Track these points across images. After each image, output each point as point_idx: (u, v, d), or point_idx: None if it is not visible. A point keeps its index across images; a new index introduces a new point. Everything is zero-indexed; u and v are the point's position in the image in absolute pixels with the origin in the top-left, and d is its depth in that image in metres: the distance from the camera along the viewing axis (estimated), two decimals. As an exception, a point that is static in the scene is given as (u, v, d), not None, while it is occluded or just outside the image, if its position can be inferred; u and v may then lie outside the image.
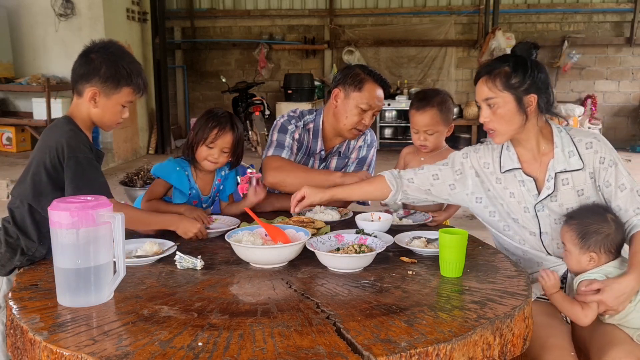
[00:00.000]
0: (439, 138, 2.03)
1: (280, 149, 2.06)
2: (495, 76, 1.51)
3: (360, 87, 2.01)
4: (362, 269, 1.39)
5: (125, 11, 7.61)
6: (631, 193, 1.50)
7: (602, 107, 8.37)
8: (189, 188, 1.89)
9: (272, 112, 8.15)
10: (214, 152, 1.84)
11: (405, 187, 1.70)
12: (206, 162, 1.86)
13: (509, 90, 1.50)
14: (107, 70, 1.53)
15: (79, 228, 1.13)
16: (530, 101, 1.51)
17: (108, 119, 1.60)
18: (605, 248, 1.46)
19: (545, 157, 1.57)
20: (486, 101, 1.54)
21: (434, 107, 1.98)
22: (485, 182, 1.65)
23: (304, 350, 0.95)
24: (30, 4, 6.97)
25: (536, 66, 1.53)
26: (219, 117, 1.86)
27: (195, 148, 1.86)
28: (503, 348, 1.12)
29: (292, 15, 9.02)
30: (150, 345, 0.98)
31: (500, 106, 1.51)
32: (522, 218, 1.60)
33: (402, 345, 0.97)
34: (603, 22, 8.43)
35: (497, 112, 1.52)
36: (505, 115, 1.51)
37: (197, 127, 1.87)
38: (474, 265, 1.42)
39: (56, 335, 1.02)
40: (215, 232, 1.69)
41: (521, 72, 1.50)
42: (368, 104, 2.01)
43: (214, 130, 1.82)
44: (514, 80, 1.50)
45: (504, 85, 1.50)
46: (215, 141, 1.83)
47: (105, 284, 1.19)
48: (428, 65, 8.89)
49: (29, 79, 6.61)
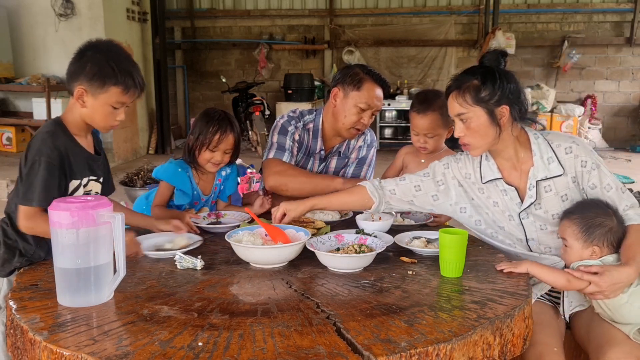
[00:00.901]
0: (438, 141, 2.04)
1: (281, 152, 2.05)
2: (465, 91, 1.50)
3: (359, 86, 2.01)
4: (362, 269, 1.39)
5: (125, 11, 7.62)
6: (618, 192, 1.50)
7: (602, 107, 8.38)
8: (191, 189, 1.90)
9: (272, 112, 8.16)
10: (216, 155, 1.86)
11: (388, 198, 1.67)
12: (209, 164, 1.88)
13: (479, 104, 1.48)
14: (92, 68, 1.48)
15: (79, 228, 1.13)
16: (502, 112, 1.49)
17: (99, 120, 1.53)
18: (608, 242, 1.45)
19: (525, 165, 1.56)
20: (458, 116, 1.52)
21: (435, 111, 1.97)
22: (469, 191, 1.64)
23: (304, 350, 0.96)
24: (31, 4, 6.98)
25: (505, 76, 1.50)
26: (219, 120, 1.86)
27: (197, 152, 1.87)
28: (503, 348, 1.12)
29: (292, 15, 9.02)
30: (150, 345, 0.98)
31: (472, 120, 1.50)
32: (507, 226, 1.60)
33: (402, 345, 0.98)
34: (603, 22, 8.44)
35: (470, 127, 1.51)
36: (479, 129, 1.50)
37: (196, 131, 1.88)
38: (474, 265, 1.43)
39: (56, 335, 1.02)
40: (224, 228, 1.71)
41: (490, 84, 1.48)
42: (367, 103, 2.01)
43: (216, 135, 1.84)
44: (483, 94, 1.48)
45: (474, 100, 1.49)
46: (219, 145, 1.84)
47: (105, 283, 1.19)
48: (428, 65, 8.90)
49: (29, 79, 6.62)
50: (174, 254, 1.43)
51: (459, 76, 1.55)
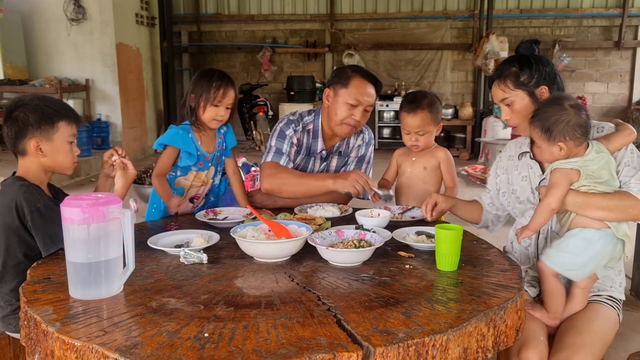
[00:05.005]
0: (429, 138, 2.08)
1: (279, 155, 2.09)
2: (506, 77, 1.64)
3: (347, 83, 2.04)
4: (362, 263, 1.41)
5: (134, 16, 7.70)
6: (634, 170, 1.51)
7: (592, 108, 8.43)
8: (195, 150, 1.95)
9: (275, 112, 8.21)
10: (220, 110, 1.92)
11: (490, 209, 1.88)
12: (214, 121, 1.93)
13: (520, 88, 1.63)
14: (34, 117, 1.53)
15: (90, 224, 1.14)
16: (541, 92, 1.62)
17: (62, 161, 1.58)
18: (570, 135, 1.46)
19: None
20: (503, 102, 1.66)
21: (424, 109, 2.03)
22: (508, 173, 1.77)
23: (305, 341, 0.97)
24: (44, 9, 7.06)
25: (540, 60, 1.64)
26: (219, 77, 1.93)
27: (201, 110, 1.92)
28: (497, 339, 1.14)
29: (294, 20, 9.07)
30: (158, 336, 0.99)
31: (516, 103, 1.64)
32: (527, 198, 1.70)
33: (400, 336, 0.99)
34: (592, 27, 8.53)
35: (515, 109, 1.64)
36: (522, 110, 1.63)
37: (198, 89, 1.92)
38: (469, 259, 1.45)
39: (68, 327, 1.03)
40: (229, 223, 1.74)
41: (527, 69, 1.62)
42: (355, 99, 2.03)
43: (220, 90, 1.90)
44: (522, 78, 1.62)
45: (515, 84, 1.63)
46: (223, 99, 1.91)
47: (115, 277, 1.20)
48: (425, 68, 8.97)
49: (42, 81, 6.72)
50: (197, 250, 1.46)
51: (499, 66, 1.70)
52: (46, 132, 1.54)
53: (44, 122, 1.54)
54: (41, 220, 1.47)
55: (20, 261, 1.53)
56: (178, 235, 1.63)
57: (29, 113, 1.53)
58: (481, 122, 7.80)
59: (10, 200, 1.49)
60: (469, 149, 8.16)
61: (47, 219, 1.46)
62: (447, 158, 2.11)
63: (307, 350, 0.94)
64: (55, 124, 1.55)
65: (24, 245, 1.52)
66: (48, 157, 1.56)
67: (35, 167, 1.57)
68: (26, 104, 1.55)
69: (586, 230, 1.48)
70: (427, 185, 2.10)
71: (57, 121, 1.55)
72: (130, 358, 0.92)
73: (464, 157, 7.89)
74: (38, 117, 1.53)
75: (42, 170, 1.58)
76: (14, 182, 1.54)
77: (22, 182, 1.53)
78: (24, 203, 1.47)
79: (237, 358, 0.92)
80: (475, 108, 8.43)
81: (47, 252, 1.46)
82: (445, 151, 2.13)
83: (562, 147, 1.48)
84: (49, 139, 1.55)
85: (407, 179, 2.15)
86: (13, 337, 1.63)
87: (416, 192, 2.11)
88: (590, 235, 1.47)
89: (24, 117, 1.53)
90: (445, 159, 2.10)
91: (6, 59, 6.81)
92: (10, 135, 1.55)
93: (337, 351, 0.93)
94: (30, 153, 1.55)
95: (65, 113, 1.58)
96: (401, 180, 2.18)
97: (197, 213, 1.89)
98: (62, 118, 1.56)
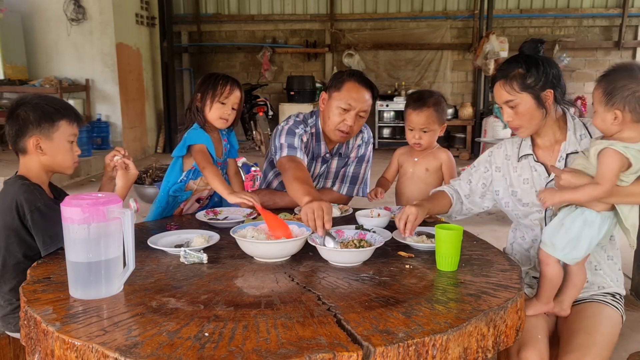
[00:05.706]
0: (432, 137, 2.07)
1: (293, 149, 2.01)
2: (512, 79, 1.58)
3: (340, 87, 2.04)
4: (362, 263, 1.41)
5: (134, 16, 7.71)
6: None
7: (592, 108, 8.40)
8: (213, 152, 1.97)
9: (275, 112, 8.23)
10: (226, 109, 1.94)
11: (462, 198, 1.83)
12: (220, 120, 1.94)
13: (526, 91, 1.57)
14: (35, 115, 1.53)
15: (90, 223, 1.15)
16: (547, 96, 1.58)
17: (62, 160, 1.58)
18: (630, 106, 1.36)
19: (558, 144, 1.64)
20: (507, 103, 1.61)
21: (430, 107, 2.03)
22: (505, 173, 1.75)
23: (305, 341, 0.97)
24: (44, 9, 7.08)
25: (547, 62, 1.60)
26: (224, 77, 1.96)
27: (208, 108, 1.93)
28: (497, 339, 1.14)
29: (294, 20, 9.08)
30: (158, 335, 0.99)
31: (520, 106, 1.59)
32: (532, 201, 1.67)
33: (400, 335, 0.99)
34: (592, 27, 8.55)
35: (518, 112, 1.60)
36: (526, 113, 1.59)
37: (204, 89, 1.95)
38: (468, 259, 1.45)
39: (68, 326, 1.03)
40: (229, 223, 1.74)
41: (534, 71, 1.57)
42: (347, 103, 2.02)
43: (226, 86, 1.92)
44: (529, 80, 1.57)
45: (521, 87, 1.58)
46: (229, 96, 1.93)
47: (115, 277, 1.20)
48: (425, 68, 8.98)
49: (42, 80, 6.74)
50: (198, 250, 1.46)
51: (504, 66, 1.63)
52: (46, 131, 1.55)
53: (44, 120, 1.54)
54: (41, 220, 1.47)
55: (20, 261, 1.53)
56: (178, 235, 1.63)
57: (30, 111, 1.54)
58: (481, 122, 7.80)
59: (11, 199, 1.50)
60: (469, 149, 8.17)
61: (47, 219, 1.46)
62: (449, 160, 2.11)
63: (307, 350, 0.94)
64: (56, 123, 1.56)
65: (23, 245, 1.52)
66: (48, 155, 1.56)
67: (36, 166, 1.57)
68: (28, 103, 1.56)
69: (587, 212, 1.44)
70: (428, 186, 2.10)
71: (58, 120, 1.56)
72: (130, 358, 0.92)
73: (464, 157, 7.90)
74: (38, 115, 1.54)
75: (43, 169, 1.59)
76: (15, 181, 1.55)
77: (23, 182, 1.53)
78: (24, 202, 1.48)
79: (237, 358, 0.92)
80: (475, 108, 8.44)
81: (47, 252, 1.46)
82: (447, 153, 2.13)
83: (617, 115, 1.37)
84: (48, 137, 1.55)
85: (408, 179, 2.15)
86: (13, 337, 1.63)
87: (417, 192, 2.11)
88: (593, 218, 1.44)
89: (25, 115, 1.54)
90: (447, 161, 2.10)
91: (6, 59, 6.83)
92: (12, 133, 1.56)
93: (337, 351, 0.94)
94: (30, 151, 1.56)
95: (66, 112, 1.58)
96: (402, 181, 2.18)
97: (197, 213, 1.89)
98: (63, 117, 1.57)
